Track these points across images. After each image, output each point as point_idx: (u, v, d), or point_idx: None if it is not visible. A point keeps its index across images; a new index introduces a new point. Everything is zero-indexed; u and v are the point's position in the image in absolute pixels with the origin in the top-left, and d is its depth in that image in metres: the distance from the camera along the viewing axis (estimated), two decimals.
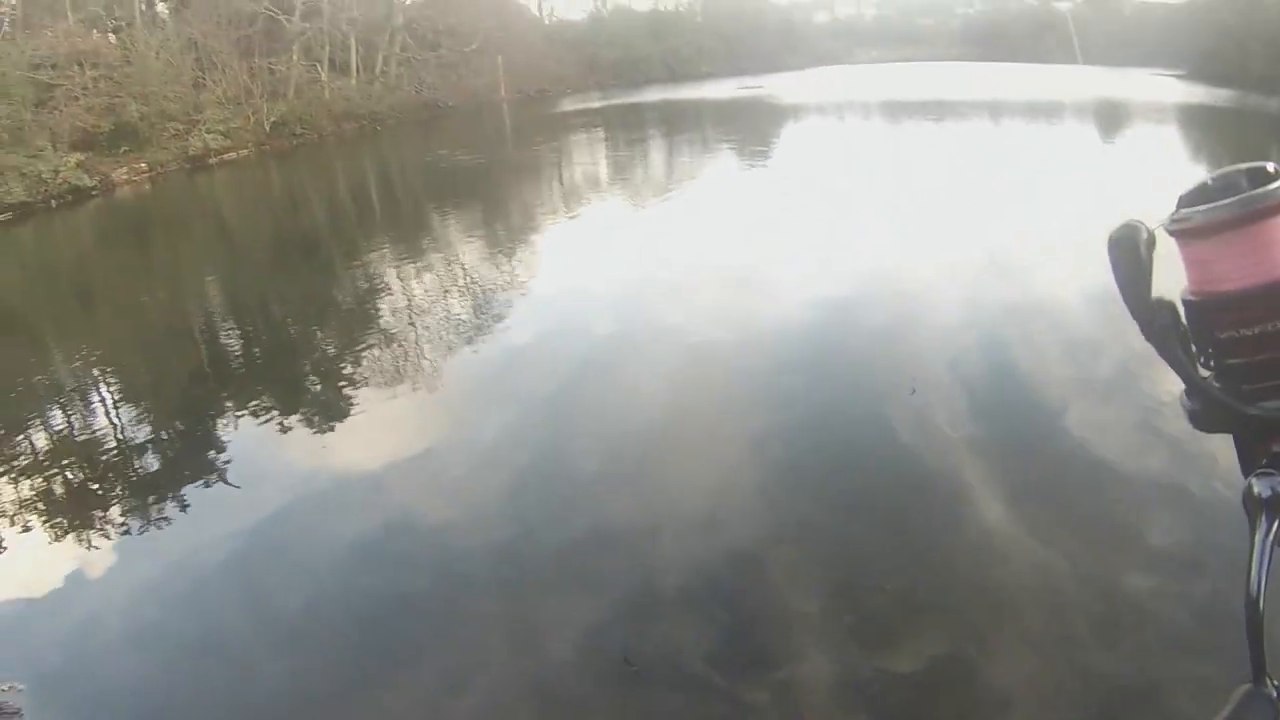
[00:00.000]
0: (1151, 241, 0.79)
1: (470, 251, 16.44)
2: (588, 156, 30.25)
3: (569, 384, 9.25)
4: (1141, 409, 7.79)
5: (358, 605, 5.78)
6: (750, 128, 36.46)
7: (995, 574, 5.60)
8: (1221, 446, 1.07)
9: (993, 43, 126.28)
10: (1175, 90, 50.45)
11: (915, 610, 5.41)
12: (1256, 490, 0.80)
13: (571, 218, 18.78)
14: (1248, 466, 0.84)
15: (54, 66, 29.33)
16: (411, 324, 11.95)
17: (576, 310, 11.89)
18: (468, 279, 14.26)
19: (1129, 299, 0.80)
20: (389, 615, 5.64)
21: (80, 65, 30.29)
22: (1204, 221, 0.78)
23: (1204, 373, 0.84)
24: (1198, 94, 46.87)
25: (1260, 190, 0.76)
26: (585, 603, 5.58)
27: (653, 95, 53.93)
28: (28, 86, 28.04)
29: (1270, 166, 0.78)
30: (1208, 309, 0.81)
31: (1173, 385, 0.86)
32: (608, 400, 8.75)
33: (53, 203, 25.60)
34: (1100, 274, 0.86)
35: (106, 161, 28.77)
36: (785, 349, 9.72)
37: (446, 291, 13.61)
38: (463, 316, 12.14)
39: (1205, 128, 34.31)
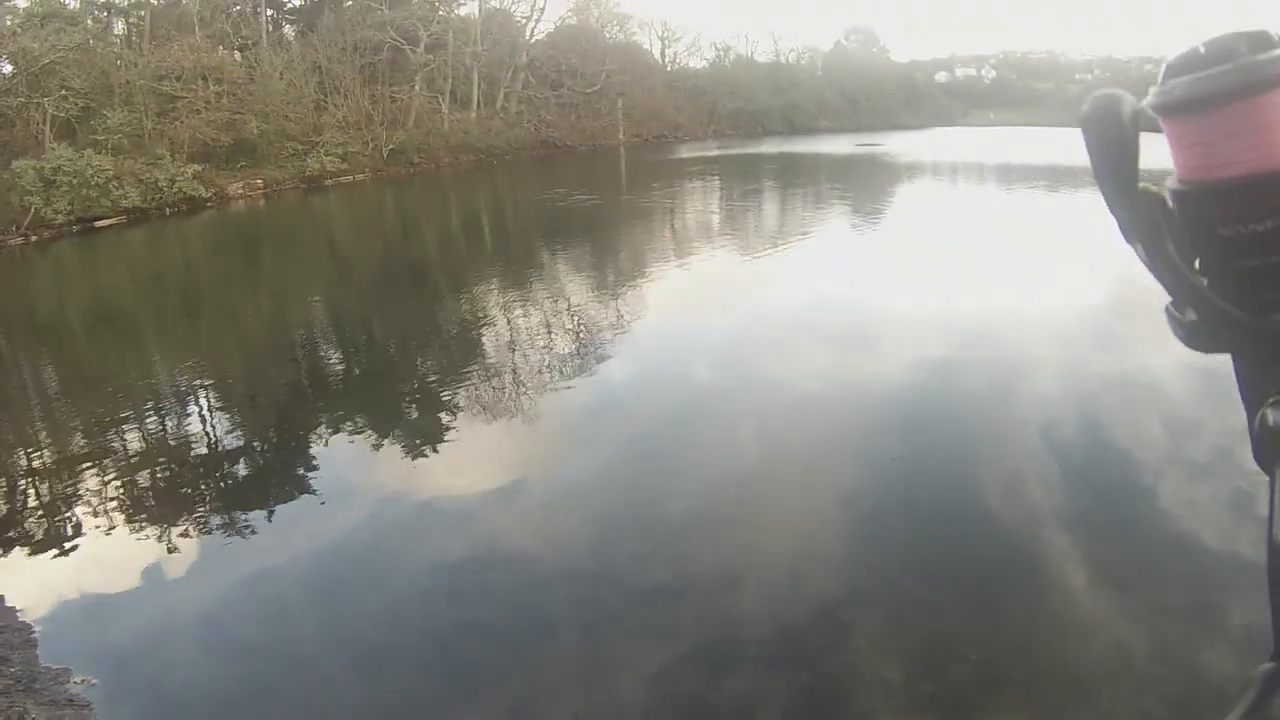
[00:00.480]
0: (1137, 116, 0.63)
1: (577, 290, 16.09)
2: (702, 204, 29.43)
3: (662, 427, 9.04)
4: (1235, 488, 7.37)
5: (431, 629, 5.73)
6: (866, 185, 35.32)
7: (1077, 649, 5.35)
8: None
9: None
10: None
11: (996, 682, 5.20)
12: (1273, 420, 0.64)
13: (681, 264, 18.04)
14: (1258, 393, 0.67)
15: (178, 79, 29.60)
16: (512, 357, 11.74)
17: (676, 355, 11.61)
18: (572, 317, 13.89)
19: (1109, 187, 0.64)
20: (461, 643, 5.59)
21: (204, 79, 30.52)
22: (1202, 91, 0.61)
23: (1200, 280, 0.67)
24: None
25: (1267, 55, 0.59)
26: (661, 650, 5.39)
27: (770, 147, 53.51)
28: (151, 96, 28.27)
29: (1272, 31, 0.62)
30: (1206, 201, 0.64)
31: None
32: (699, 446, 8.50)
33: (166, 210, 25.56)
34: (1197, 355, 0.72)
35: (223, 175, 28.84)
36: (881, 407, 9.45)
37: (550, 328, 13.26)
38: (563, 353, 11.87)
39: None
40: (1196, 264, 0.66)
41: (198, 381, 11.34)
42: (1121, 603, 5.84)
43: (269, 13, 38.68)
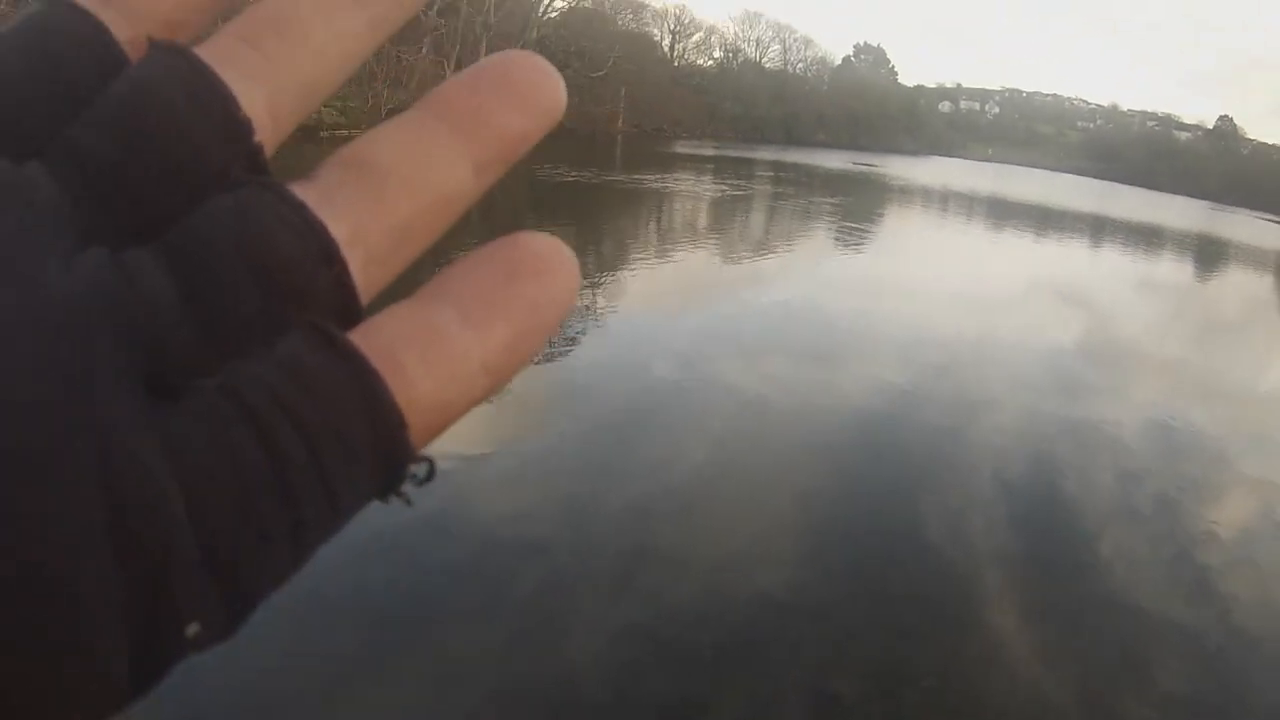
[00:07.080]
0: None
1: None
2: (690, 203, 29.51)
3: (616, 419, 8.68)
4: (1180, 541, 7.44)
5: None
6: (855, 204, 36.27)
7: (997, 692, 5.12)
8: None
9: (1109, 161, 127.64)
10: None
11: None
12: None
13: (661, 258, 18.20)
14: None
15: None
16: None
17: (643, 350, 11.32)
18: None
19: None
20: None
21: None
22: None
23: None
24: None
25: None
26: (591, 646, 4.92)
27: (765, 154, 54.25)
28: None
29: None
30: None
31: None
32: (654, 440, 8.25)
33: None
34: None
35: None
36: (839, 426, 9.29)
37: None
38: None
39: None
40: None
41: None
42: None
43: None
